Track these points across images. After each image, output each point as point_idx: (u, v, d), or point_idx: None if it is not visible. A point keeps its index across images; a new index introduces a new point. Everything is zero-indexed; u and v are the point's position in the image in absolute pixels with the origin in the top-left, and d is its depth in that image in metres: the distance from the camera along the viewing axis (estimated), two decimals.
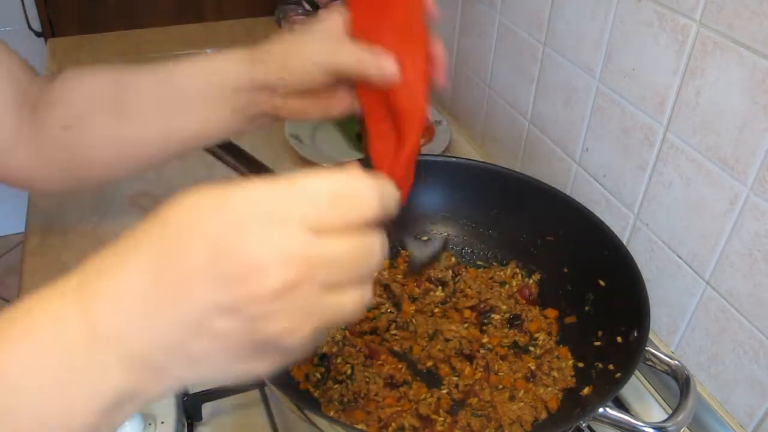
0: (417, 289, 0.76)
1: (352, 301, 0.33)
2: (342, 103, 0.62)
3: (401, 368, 0.67)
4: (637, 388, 0.72)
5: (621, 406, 0.70)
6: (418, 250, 0.65)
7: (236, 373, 0.35)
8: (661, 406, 0.70)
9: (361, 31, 0.58)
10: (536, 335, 0.71)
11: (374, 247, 0.33)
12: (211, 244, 0.31)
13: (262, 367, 0.34)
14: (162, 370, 0.33)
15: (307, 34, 0.59)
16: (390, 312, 0.73)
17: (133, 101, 0.65)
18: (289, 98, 0.61)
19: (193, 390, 0.67)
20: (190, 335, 0.32)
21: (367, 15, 0.58)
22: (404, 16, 0.57)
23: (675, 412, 0.55)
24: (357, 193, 0.33)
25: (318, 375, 0.65)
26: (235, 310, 0.31)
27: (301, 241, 0.31)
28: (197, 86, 0.63)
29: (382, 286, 0.75)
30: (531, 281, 0.76)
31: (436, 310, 0.74)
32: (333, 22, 0.59)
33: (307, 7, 1.46)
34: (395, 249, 0.80)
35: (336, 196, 0.32)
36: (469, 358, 0.68)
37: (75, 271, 0.35)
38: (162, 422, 0.63)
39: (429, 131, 1.07)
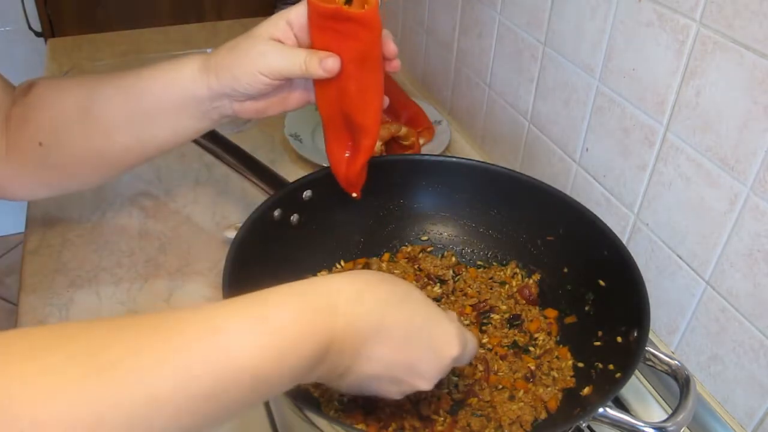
0: (415, 283, 0.76)
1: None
2: (299, 99, 0.66)
3: None
4: (637, 388, 0.72)
5: (621, 406, 0.70)
6: None
7: (370, 392, 0.51)
8: (661, 406, 0.70)
9: (319, 45, 0.61)
10: (536, 335, 0.71)
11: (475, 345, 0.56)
12: (429, 348, 0.50)
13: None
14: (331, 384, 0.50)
15: (252, 42, 0.61)
16: None
17: (104, 115, 0.66)
18: (246, 102, 0.64)
19: None
20: (364, 378, 0.48)
21: (327, 35, 0.60)
22: (362, 45, 0.60)
23: (675, 412, 0.55)
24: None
25: None
26: (406, 388, 0.51)
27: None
28: (162, 101, 0.65)
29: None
30: (531, 281, 0.76)
31: None
32: (276, 25, 0.61)
33: None
34: (395, 245, 0.81)
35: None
36: None
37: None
38: None
39: (429, 131, 1.07)
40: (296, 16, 0.62)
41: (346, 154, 0.67)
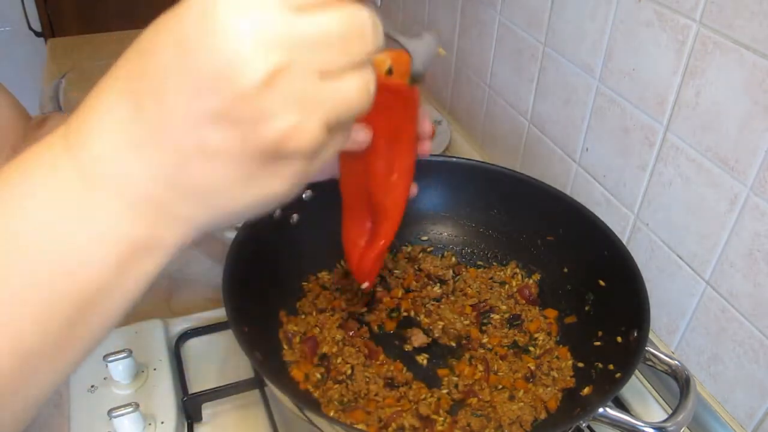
0: (415, 283, 0.76)
1: (356, 86, 0.30)
2: (323, 171, 0.58)
3: (401, 368, 0.67)
4: (637, 388, 0.72)
5: (621, 406, 0.70)
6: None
7: (251, 198, 0.32)
8: (661, 406, 0.70)
9: None
10: (536, 335, 0.71)
11: (365, 20, 0.30)
12: (175, 46, 0.27)
13: (279, 185, 0.32)
14: (169, 209, 0.31)
15: None
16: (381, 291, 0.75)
17: None
18: None
19: (193, 389, 0.67)
20: (185, 159, 0.29)
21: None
22: (397, 121, 0.55)
23: (675, 412, 0.55)
24: None
25: (318, 375, 0.65)
26: (224, 115, 0.28)
27: (280, 21, 0.27)
28: None
29: (378, 277, 0.76)
30: (531, 281, 0.76)
31: (431, 306, 0.74)
32: None
33: None
34: (395, 245, 0.81)
35: None
36: (459, 348, 0.69)
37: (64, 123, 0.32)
38: (162, 422, 0.63)
39: None
40: None
41: (362, 242, 0.62)
